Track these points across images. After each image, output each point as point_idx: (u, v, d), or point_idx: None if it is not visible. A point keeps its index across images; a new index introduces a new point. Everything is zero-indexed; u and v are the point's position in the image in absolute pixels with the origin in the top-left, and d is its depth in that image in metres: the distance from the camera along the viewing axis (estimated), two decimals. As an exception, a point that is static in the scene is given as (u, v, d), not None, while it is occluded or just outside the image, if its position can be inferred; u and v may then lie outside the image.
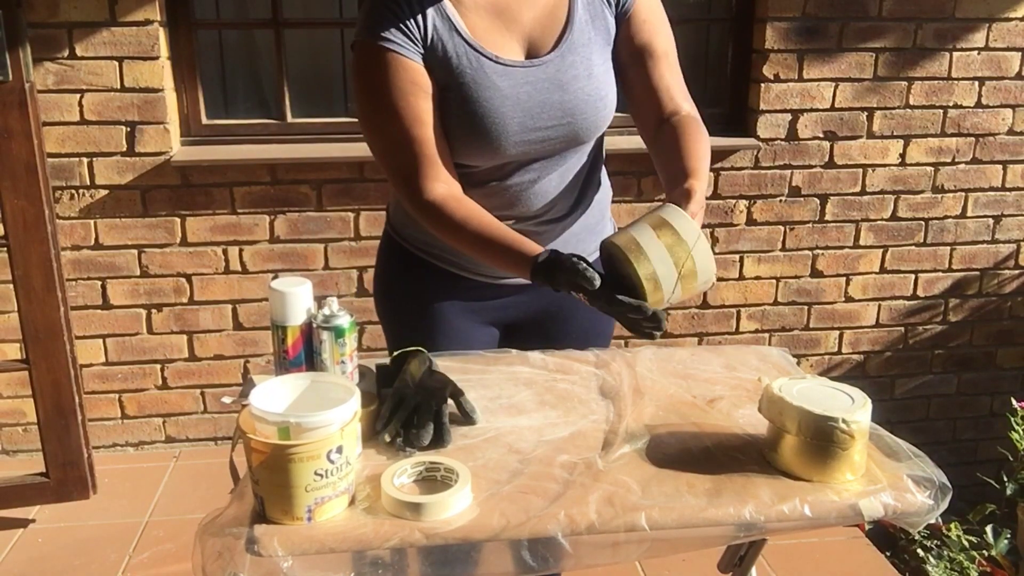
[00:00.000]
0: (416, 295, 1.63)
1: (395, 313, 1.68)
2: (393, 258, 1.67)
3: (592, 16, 1.48)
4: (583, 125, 1.48)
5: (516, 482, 1.17)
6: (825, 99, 3.00)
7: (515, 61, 1.44)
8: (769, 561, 2.49)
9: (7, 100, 2.33)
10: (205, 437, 3.09)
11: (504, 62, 1.43)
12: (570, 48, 1.46)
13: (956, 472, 1.39)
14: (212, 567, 1.06)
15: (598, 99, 1.48)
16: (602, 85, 1.49)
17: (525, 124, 1.44)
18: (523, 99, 1.43)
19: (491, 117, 1.42)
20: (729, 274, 3.15)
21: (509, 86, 1.42)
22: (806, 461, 1.19)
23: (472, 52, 1.41)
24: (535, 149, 1.47)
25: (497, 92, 1.42)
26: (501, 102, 1.42)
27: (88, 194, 2.78)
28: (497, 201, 1.50)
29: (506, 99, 1.42)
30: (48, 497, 2.65)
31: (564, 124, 1.46)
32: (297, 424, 1.06)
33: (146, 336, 2.94)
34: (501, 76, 1.42)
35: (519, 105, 1.43)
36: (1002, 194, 3.22)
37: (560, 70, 1.45)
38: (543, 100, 1.44)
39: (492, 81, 1.42)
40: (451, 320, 1.61)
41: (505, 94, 1.42)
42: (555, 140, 1.47)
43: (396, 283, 1.67)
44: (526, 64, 1.44)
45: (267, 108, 3.02)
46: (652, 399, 1.42)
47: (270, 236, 2.89)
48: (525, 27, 1.45)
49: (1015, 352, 3.40)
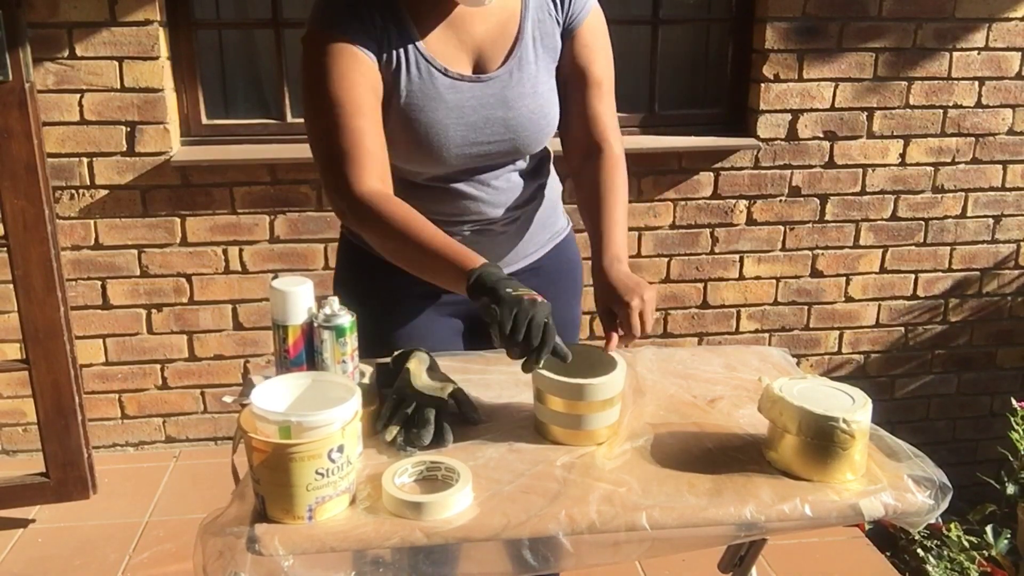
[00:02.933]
0: (379, 298, 1.58)
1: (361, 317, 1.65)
2: (349, 261, 1.65)
3: (542, 34, 1.49)
4: (525, 140, 1.49)
5: (517, 482, 1.17)
6: (825, 99, 3.01)
7: (463, 75, 1.44)
8: (769, 561, 2.49)
9: (7, 100, 2.33)
10: (205, 437, 3.09)
11: (453, 75, 1.43)
12: (518, 65, 1.47)
13: (956, 472, 1.39)
14: (213, 566, 1.06)
15: (541, 116, 1.49)
16: (546, 103, 1.49)
17: (468, 137, 1.44)
18: (468, 113, 1.43)
19: (435, 128, 1.42)
20: (729, 274, 3.15)
21: (455, 99, 1.43)
22: (807, 461, 1.19)
23: (424, 62, 1.41)
24: (477, 161, 1.48)
25: (443, 104, 1.42)
26: (446, 114, 1.42)
27: (88, 194, 2.78)
28: (445, 205, 1.50)
29: (451, 111, 1.42)
30: (48, 497, 2.65)
31: (507, 140, 1.47)
32: (298, 423, 1.06)
33: (146, 336, 2.94)
34: (448, 89, 1.42)
35: (463, 119, 1.43)
36: (1002, 194, 3.22)
37: (507, 87, 1.46)
38: (487, 116, 1.45)
39: (439, 93, 1.42)
40: (416, 322, 1.58)
41: (450, 107, 1.42)
42: (497, 154, 1.49)
43: (354, 286, 1.61)
44: (473, 79, 1.45)
45: (267, 108, 3.02)
46: (652, 399, 1.42)
47: (270, 236, 2.89)
48: (476, 40, 1.45)
49: (1015, 352, 3.40)
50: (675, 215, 3.05)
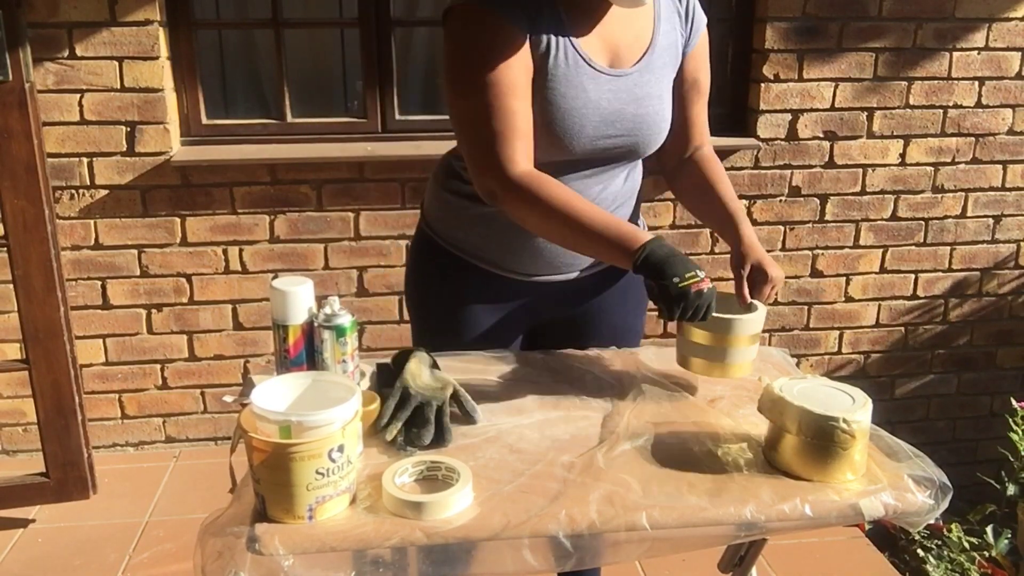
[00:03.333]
0: (450, 295, 1.63)
1: (427, 312, 1.68)
2: (428, 257, 1.67)
3: (668, 44, 1.55)
4: (645, 140, 1.53)
5: (517, 481, 1.17)
6: (825, 99, 3.01)
7: (602, 67, 1.47)
8: (769, 561, 2.49)
9: (7, 100, 2.33)
10: (205, 437, 3.09)
11: (596, 67, 1.46)
12: (648, 67, 1.51)
13: (956, 472, 1.39)
14: (213, 566, 1.06)
15: (662, 119, 1.55)
16: (666, 108, 1.55)
17: (599, 129, 1.47)
18: (603, 105, 1.46)
19: (573, 116, 1.44)
20: (729, 274, 3.14)
21: (595, 90, 1.45)
22: (806, 461, 1.19)
23: (572, 50, 1.43)
24: (599, 155, 1.50)
25: (583, 93, 1.44)
26: (584, 103, 1.44)
27: (88, 194, 2.78)
28: None
29: (589, 101, 1.45)
30: (48, 497, 2.65)
31: (631, 136, 1.51)
32: (298, 423, 1.06)
33: (146, 336, 2.94)
34: (590, 79, 1.45)
35: (598, 110, 1.46)
36: (1002, 194, 3.22)
37: (638, 85, 1.50)
38: (620, 109, 1.48)
39: (581, 82, 1.44)
40: (483, 320, 1.62)
41: (589, 96, 1.45)
42: (616, 151, 1.51)
43: (430, 282, 1.67)
44: (612, 73, 1.47)
45: (267, 108, 3.02)
46: (652, 399, 1.42)
47: (270, 236, 2.89)
48: (614, 39, 1.48)
49: (1015, 352, 3.40)
50: (675, 215, 3.05)
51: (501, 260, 1.59)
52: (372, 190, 2.88)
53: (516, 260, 1.58)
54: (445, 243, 1.63)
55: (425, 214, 1.69)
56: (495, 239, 1.57)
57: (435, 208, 1.65)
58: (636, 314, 1.75)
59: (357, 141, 2.92)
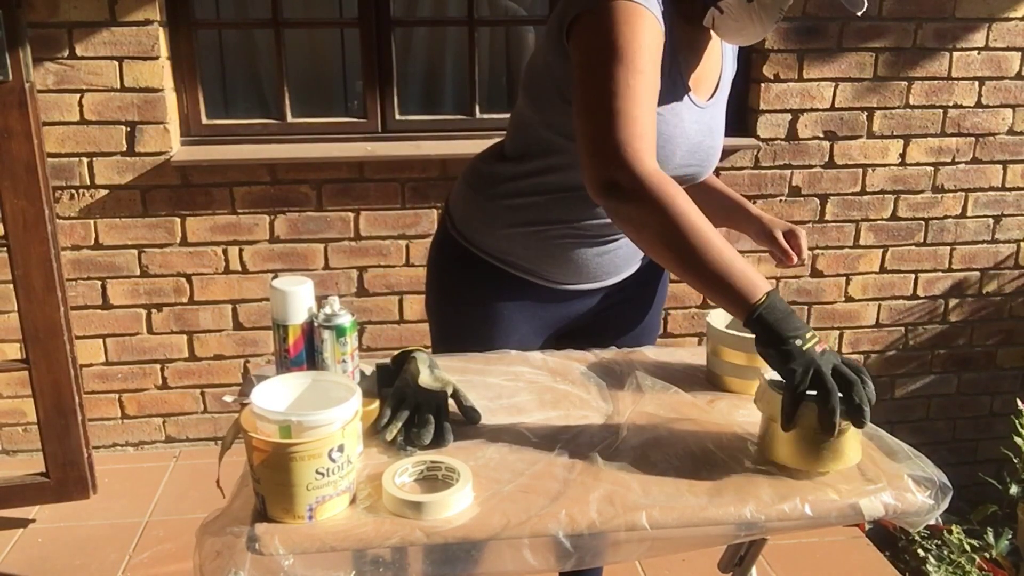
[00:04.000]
0: (483, 301, 1.61)
1: (454, 317, 1.66)
2: (455, 262, 1.63)
3: (730, 77, 1.58)
4: (709, 169, 1.57)
5: (517, 481, 1.17)
6: (825, 99, 3.01)
7: (695, 98, 1.47)
8: (769, 561, 2.49)
9: (7, 100, 2.33)
10: (205, 437, 3.09)
11: (692, 99, 1.46)
12: (719, 100, 1.54)
13: (956, 472, 1.40)
14: (212, 566, 1.06)
15: (720, 151, 1.58)
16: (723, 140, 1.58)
17: (685, 159, 1.49)
18: (692, 135, 1.47)
19: (670, 143, 1.44)
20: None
21: (688, 121, 1.46)
22: (798, 451, 1.19)
23: (680, 79, 1.44)
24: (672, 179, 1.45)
25: (680, 122, 1.45)
26: (680, 132, 1.45)
27: (88, 194, 2.78)
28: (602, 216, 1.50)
29: (684, 131, 1.46)
30: (48, 497, 2.65)
31: (702, 167, 1.54)
32: (298, 423, 1.06)
33: (146, 336, 2.94)
34: (687, 110, 1.46)
35: (688, 140, 1.47)
36: (1002, 194, 3.22)
37: (714, 117, 1.52)
38: (701, 141, 1.50)
39: (679, 111, 1.44)
40: (517, 326, 1.61)
41: (685, 127, 1.46)
42: (687, 178, 1.53)
43: (459, 288, 1.64)
44: (700, 104, 1.48)
45: (267, 108, 3.02)
46: (652, 399, 1.42)
47: (270, 236, 2.89)
48: (699, 70, 1.49)
49: (1015, 352, 3.40)
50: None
51: (541, 270, 1.58)
52: (372, 190, 2.88)
53: (557, 271, 1.59)
54: (477, 249, 1.59)
55: (454, 218, 1.64)
56: (538, 250, 1.56)
57: (469, 214, 1.61)
58: (657, 312, 1.79)
59: (357, 141, 2.92)
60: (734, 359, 1.42)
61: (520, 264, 1.59)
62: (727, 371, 1.43)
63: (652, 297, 1.75)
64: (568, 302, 1.65)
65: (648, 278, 1.73)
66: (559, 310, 1.65)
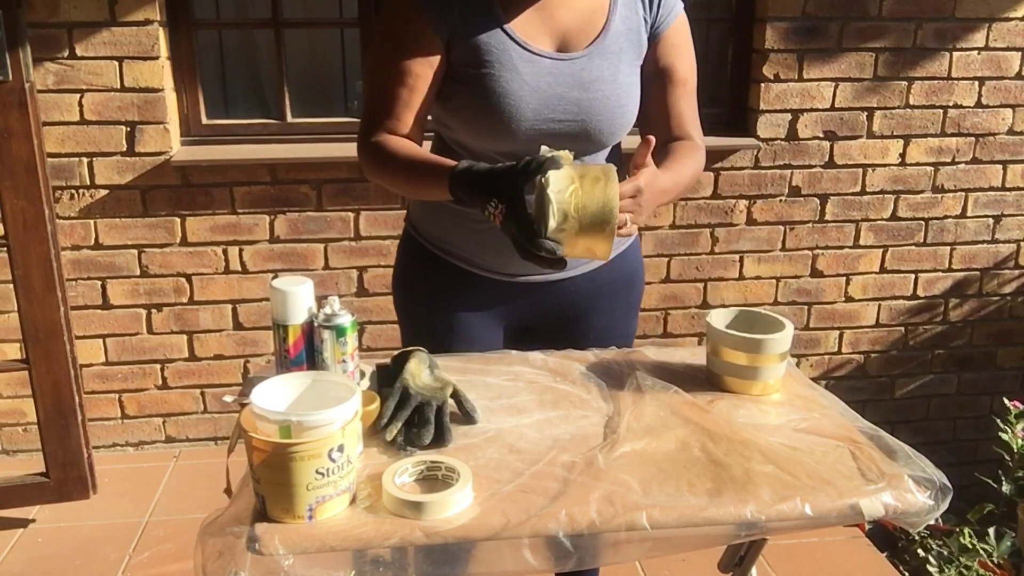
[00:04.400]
0: (432, 295, 1.64)
1: (411, 313, 1.69)
2: (411, 256, 1.69)
3: (627, 29, 1.53)
4: (596, 126, 1.51)
5: (517, 481, 1.17)
6: (825, 99, 3.01)
7: (542, 51, 1.48)
8: (769, 561, 2.49)
9: (7, 100, 2.33)
10: (205, 437, 3.09)
11: (531, 49, 1.47)
12: (599, 52, 1.50)
13: (956, 472, 1.40)
14: (213, 566, 1.06)
15: (617, 104, 1.51)
16: (624, 93, 1.52)
17: (540, 112, 1.47)
18: (542, 88, 1.47)
19: (508, 99, 1.45)
20: (729, 274, 3.15)
21: (531, 73, 1.46)
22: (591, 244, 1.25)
23: (501, 35, 1.45)
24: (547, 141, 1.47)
25: (517, 76, 1.45)
26: (520, 86, 1.45)
27: (88, 194, 2.78)
28: None
29: (525, 84, 1.46)
30: (48, 497, 2.65)
31: (577, 121, 1.49)
32: (298, 423, 1.06)
33: (146, 336, 2.94)
34: (525, 62, 1.46)
35: (537, 93, 1.46)
36: (1002, 194, 3.22)
37: (585, 70, 1.49)
38: (561, 94, 1.48)
39: (515, 65, 1.46)
40: (465, 323, 1.62)
41: (525, 79, 1.46)
42: (567, 136, 1.50)
43: (413, 282, 1.68)
44: (553, 56, 1.48)
45: (267, 108, 3.02)
46: (652, 399, 1.42)
47: (270, 236, 2.89)
48: (561, 26, 1.49)
49: (1015, 352, 3.40)
50: (675, 215, 3.06)
51: (483, 260, 1.59)
52: (372, 190, 2.88)
53: (498, 259, 1.58)
54: (429, 244, 1.63)
55: (409, 214, 1.71)
56: (477, 238, 1.57)
57: (417, 207, 1.66)
58: (627, 317, 1.74)
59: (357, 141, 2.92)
60: (734, 359, 1.42)
61: (465, 255, 1.60)
62: (727, 371, 1.44)
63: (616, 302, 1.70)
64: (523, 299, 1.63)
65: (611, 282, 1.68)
66: (515, 308, 1.64)
